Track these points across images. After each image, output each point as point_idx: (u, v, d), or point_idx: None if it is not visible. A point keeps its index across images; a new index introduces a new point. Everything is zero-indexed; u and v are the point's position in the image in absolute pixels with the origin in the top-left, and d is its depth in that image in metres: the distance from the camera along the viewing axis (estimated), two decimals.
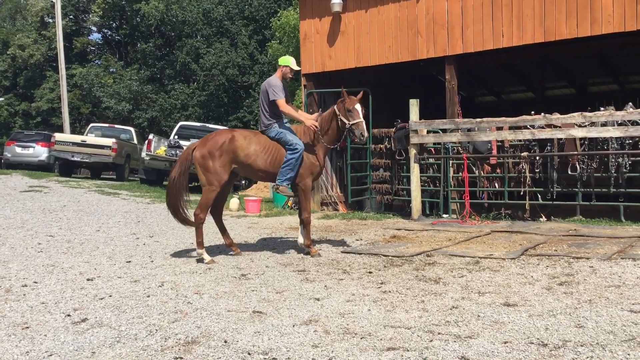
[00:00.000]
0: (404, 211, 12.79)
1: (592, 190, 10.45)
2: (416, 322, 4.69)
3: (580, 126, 9.86)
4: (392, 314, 4.97)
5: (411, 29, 12.51)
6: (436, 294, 5.60)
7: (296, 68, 8.00)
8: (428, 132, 11.98)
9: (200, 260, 7.46)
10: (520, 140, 11.00)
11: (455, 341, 4.19)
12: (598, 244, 7.72)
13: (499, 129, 10.90)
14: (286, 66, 7.95)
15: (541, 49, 12.88)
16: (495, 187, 11.77)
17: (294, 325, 4.66)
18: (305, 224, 7.80)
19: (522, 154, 10.93)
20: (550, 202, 10.92)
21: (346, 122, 7.60)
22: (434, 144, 12.08)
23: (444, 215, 11.91)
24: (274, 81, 7.85)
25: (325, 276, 6.54)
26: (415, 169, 11.62)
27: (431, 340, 4.22)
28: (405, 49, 12.64)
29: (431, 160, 12.31)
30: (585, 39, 10.80)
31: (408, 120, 11.89)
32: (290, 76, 8.06)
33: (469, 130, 11.32)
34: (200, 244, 7.49)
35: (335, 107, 7.80)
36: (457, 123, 11.43)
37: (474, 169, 11.72)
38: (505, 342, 4.14)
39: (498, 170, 11.66)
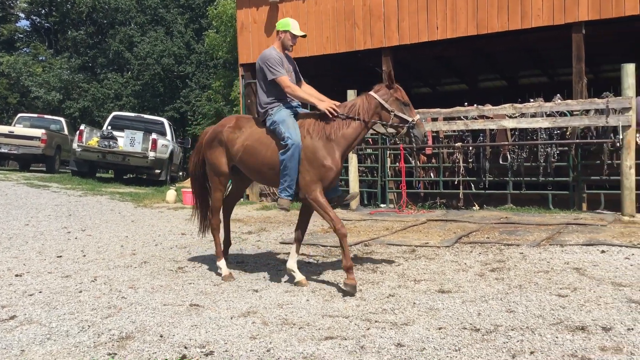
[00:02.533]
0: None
1: (522, 180, 10.81)
2: (354, 311, 4.74)
3: (511, 117, 10.17)
4: (330, 303, 5.01)
5: (348, 20, 12.57)
6: (373, 282, 5.67)
7: (299, 33, 6.08)
8: None
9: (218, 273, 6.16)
10: (454, 131, 11.25)
11: (391, 328, 4.25)
12: (528, 231, 8.00)
13: (434, 120, 11.11)
14: (285, 31, 6.02)
15: (474, 42, 13.18)
16: (430, 176, 12.02)
17: (232, 318, 4.62)
18: (339, 238, 5.45)
19: (455, 145, 11.19)
20: (483, 191, 11.23)
21: (406, 117, 5.64)
22: (372, 134, 12.20)
23: (382, 205, 12.07)
24: (270, 54, 5.91)
25: (264, 267, 6.52)
26: (353, 160, 11.72)
27: (368, 329, 4.27)
28: (343, 40, 12.70)
29: (369, 151, 12.44)
30: (516, 32, 11.13)
31: None
32: (292, 44, 6.10)
33: None
34: (218, 253, 6.24)
35: (376, 94, 5.71)
36: None
37: (411, 159, 11.92)
38: (440, 328, 4.23)
39: (433, 161, 11.91)
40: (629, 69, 9.05)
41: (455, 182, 11.32)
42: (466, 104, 11.20)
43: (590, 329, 4.08)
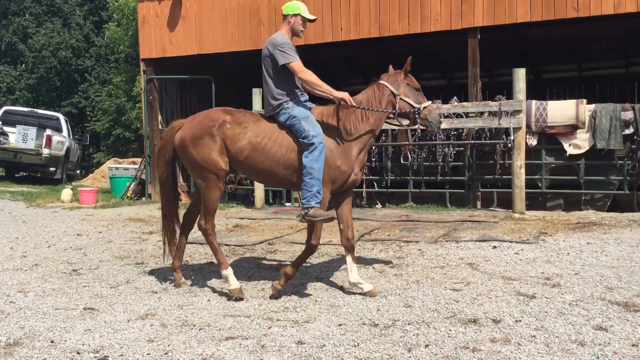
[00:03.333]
0: (247, 200, 12.80)
1: (422, 178, 11.17)
2: (256, 310, 4.72)
3: None
4: (232, 303, 4.96)
5: (254, 17, 12.49)
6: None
7: (310, 17, 5.44)
8: None
9: (226, 284, 5.30)
10: None
11: (293, 326, 4.27)
12: (426, 228, 8.27)
13: None
14: (296, 15, 5.36)
15: (377, 44, 13.48)
16: None
17: (128, 321, 4.48)
18: (309, 253, 5.31)
19: None
20: (386, 190, 11.52)
21: (413, 103, 5.26)
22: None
23: (287, 204, 12.10)
24: (282, 38, 5.28)
25: (165, 269, 6.36)
26: None
27: (270, 327, 4.27)
28: (248, 38, 12.60)
29: None
30: (416, 35, 11.48)
31: (252, 109, 11.89)
32: (303, 29, 5.46)
33: None
34: (221, 263, 5.28)
35: (386, 82, 5.35)
36: None
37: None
38: (340, 325, 4.30)
39: None
40: (520, 73, 9.56)
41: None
42: None
43: (482, 322, 4.28)
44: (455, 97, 10.90)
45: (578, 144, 9.98)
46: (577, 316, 4.32)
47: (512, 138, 9.57)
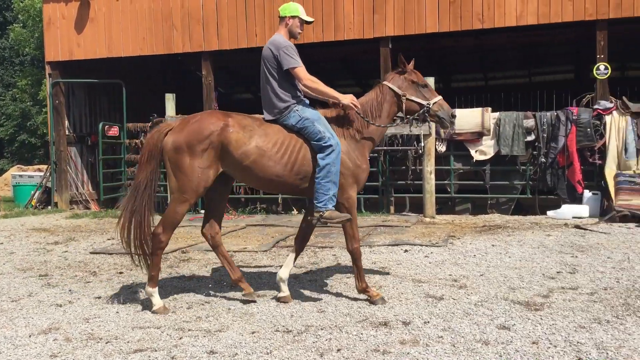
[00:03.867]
0: (161, 208, 12.50)
1: None
2: (167, 321, 4.61)
3: None
4: (142, 314, 4.82)
5: (166, 21, 12.26)
6: (189, 290, 5.56)
7: (309, 19, 5.35)
8: None
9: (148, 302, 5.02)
10: None
11: (205, 336, 4.20)
12: (341, 234, 8.33)
13: None
14: (294, 17, 5.21)
15: None
16: None
17: (30, 336, 4.27)
18: (354, 258, 5.11)
19: None
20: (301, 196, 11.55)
21: (421, 101, 5.12)
22: None
23: (202, 211, 11.88)
24: (285, 40, 5.09)
25: (70, 280, 6.10)
26: None
27: (181, 338, 4.18)
28: (161, 42, 12.35)
29: None
30: (330, 43, 11.64)
31: (165, 115, 11.63)
32: (300, 31, 5.32)
33: None
34: (153, 279, 4.93)
35: (388, 82, 5.24)
36: None
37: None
38: (253, 332, 4.27)
39: None
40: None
41: None
42: None
43: (392, 324, 4.37)
44: None
45: (484, 150, 10.42)
46: (482, 316, 4.49)
47: (422, 145, 9.85)
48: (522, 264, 6.22)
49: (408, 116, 5.24)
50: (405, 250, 7.08)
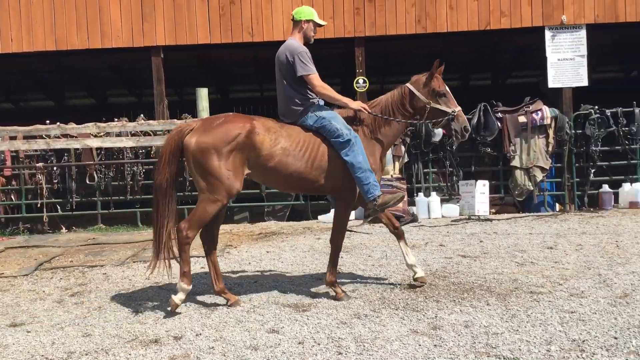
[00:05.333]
0: None
1: (110, 199, 10.78)
2: None
3: (96, 136, 10.05)
4: None
5: None
6: None
7: (322, 23, 5.51)
8: None
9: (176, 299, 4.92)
10: (36, 151, 10.58)
11: None
12: (114, 251, 7.99)
13: (13, 138, 10.23)
14: (309, 20, 5.33)
15: (57, 57, 12.63)
16: (12, 200, 11.03)
17: None
18: (333, 252, 5.32)
19: (37, 165, 10.55)
20: (71, 213, 10.83)
21: (446, 109, 5.30)
22: None
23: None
24: (300, 46, 5.24)
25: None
26: None
27: None
28: None
29: None
30: (98, 50, 11.08)
31: None
32: (314, 35, 5.45)
33: None
34: (185, 275, 4.95)
35: (410, 86, 5.37)
36: None
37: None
38: None
39: (14, 183, 10.96)
40: (202, 92, 9.88)
41: (39, 205, 10.64)
42: (48, 122, 10.63)
43: (163, 340, 4.27)
44: (142, 115, 10.79)
45: None
46: (253, 322, 4.59)
47: None
48: (293, 267, 6.50)
49: (428, 121, 5.56)
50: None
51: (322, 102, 5.40)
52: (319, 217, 10.33)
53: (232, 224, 10.63)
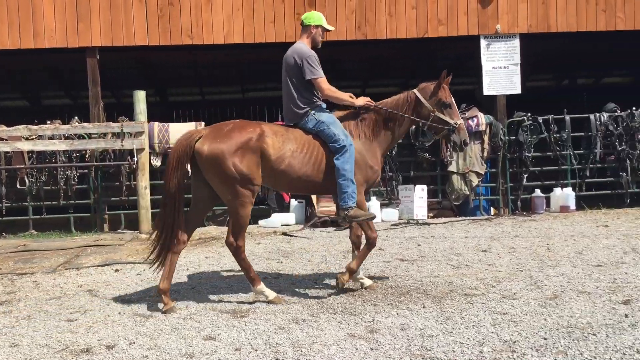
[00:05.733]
0: None
1: (42, 204, 10.41)
2: None
3: (27, 139, 9.68)
4: None
5: None
6: None
7: (330, 28, 5.70)
8: None
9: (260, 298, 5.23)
10: None
11: None
12: (45, 258, 7.72)
13: None
14: (318, 26, 5.53)
15: None
16: None
17: None
18: (369, 245, 5.51)
19: None
20: (1, 218, 10.40)
21: (447, 119, 5.51)
22: None
23: None
24: (309, 50, 5.43)
25: None
26: None
27: None
28: None
29: None
30: (31, 50, 10.70)
31: None
32: (322, 40, 5.65)
33: None
34: (253, 279, 5.23)
35: (417, 93, 5.57)
36: None
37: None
38: None
39: None
40: (140, 95, 9.69)
41: None
42: None
43: (95, 350, 4.15)
44: (76, 117, 10.48)
45: None
46: (189, 329, 4.52)
47: (136, 159, 9.62)
48: (232, 273, 6.43)
49: (429, 130, 5.76)
50: (116, 270, 6.81)
51: (323, 105, 5.56)
52: (260, 221, 10.28)
53: None
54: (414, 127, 6.05)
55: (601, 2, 11.15)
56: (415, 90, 5.62)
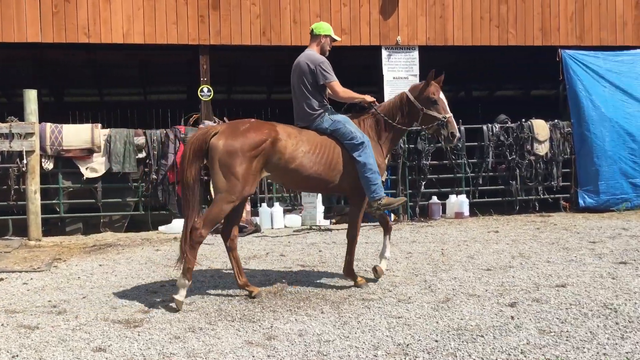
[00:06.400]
0: None
1: None
2: None
3: None
4: None
5: None
6: None
7: (337, 38, 6.07)
8: None
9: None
10: None
11: None
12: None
13: None
14: (327, 36, 5.91)
15: None
16: None
17: None
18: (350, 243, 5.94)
19: None
20: None
21: (437, 115, 5.83)
22: None
23: None
24: (321, 57, 5.81)
25: None
26: None
27: None
28: None
29: None
30: None
31: None
32: (329, 49, 6.00)
33: None
34: (188, 271, 5.16)
35: (408, 93, 5.96)
36: None
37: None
38: None
39: None
40: (31, 94, 9.18)
41: None
42: None
43: None
44: None
45: (95, 168, 10.10)
46: (78, 341, 4.32)
47: (25, 162, 9.10)
48: (127, 281, 6.21)
49: (423, 126, 6.01)
50: (1, 279, 6.39)
51: (331, 108, 5.91)
52: (160, 227, 10.01)
53: (64, 235, 9.95)
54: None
55: (495, 18, 11.72)
56: (406, 91, 6.05)
